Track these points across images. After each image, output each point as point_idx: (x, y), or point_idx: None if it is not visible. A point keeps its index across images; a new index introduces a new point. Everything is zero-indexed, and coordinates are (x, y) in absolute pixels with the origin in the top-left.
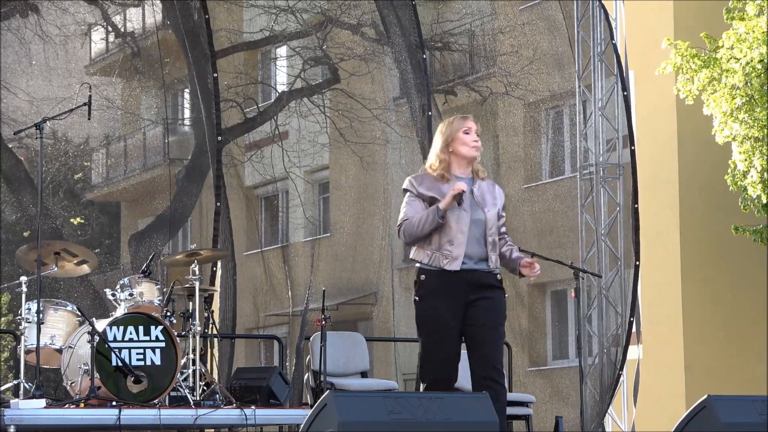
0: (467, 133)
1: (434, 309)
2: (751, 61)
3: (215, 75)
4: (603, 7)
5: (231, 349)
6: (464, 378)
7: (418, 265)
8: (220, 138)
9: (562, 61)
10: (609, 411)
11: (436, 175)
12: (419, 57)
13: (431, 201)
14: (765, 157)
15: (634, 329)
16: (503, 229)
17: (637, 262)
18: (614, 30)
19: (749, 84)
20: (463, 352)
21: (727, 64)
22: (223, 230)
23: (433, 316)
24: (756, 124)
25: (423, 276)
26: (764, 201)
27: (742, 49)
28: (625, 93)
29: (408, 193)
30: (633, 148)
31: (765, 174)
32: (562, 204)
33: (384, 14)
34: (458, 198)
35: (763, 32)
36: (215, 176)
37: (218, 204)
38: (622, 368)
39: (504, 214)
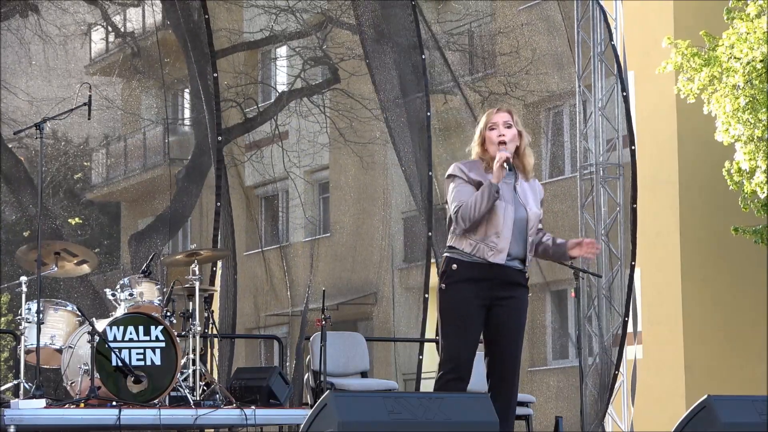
0: (493, 129)
1: (463, 298)
2: (753, 61)
3: (215, 75)
4: (602, 7)
5: (231, 349)
6: (474, 380)
7: (448, 254)
8: (220, 138)
9: (562, 61)
10: (609, 411)
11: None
12: (419, 57)
13: (480, 187)
14: None
15: (630, 329)
16: (540, 225)
17: (633, 263)
18: (614, 30)
19: (751, 84)
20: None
21: (727, 63)
22: (224, 230)
23: (461, 305)
24: (759, 125)
25: (455, 265)
26: (765, 201)
27: (743, 49)
28: (624, 94)
29: (456, 179)
30: (633, 147)
31: None
32: (562, 204)
33: (383, 15)
34: (507, 164)
35: (764, 32)
36: (215, 176)
37: (218, 204)
38: (618, 368)
39: (542, 210)
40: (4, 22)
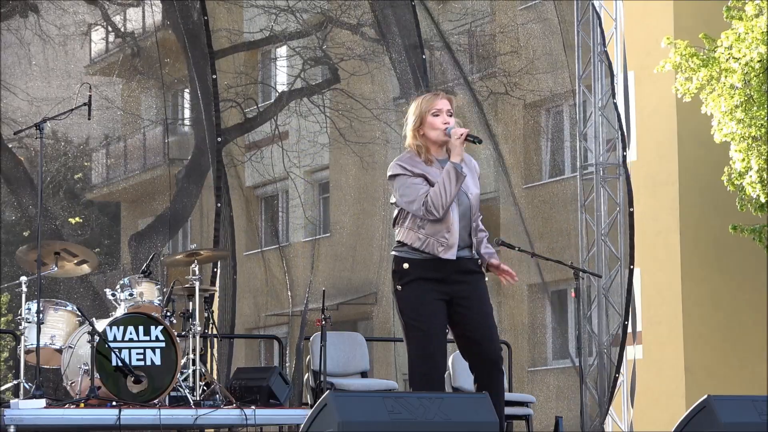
0: (437, 116)
1: (420, 298)
2: (751, 61)
3: (214, 77)
4: (597, 12)
5: (231, 349)
6: (463, 378)
7: (396, 253)
8: (219, 139)
9: (562, 61)
10: (609, 411)
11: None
12: (419, 57)
13: (425, 179)
14: (763, 157)
15: (630, 330)
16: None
17: (632, 266)
18: (614, 30)
19: (748, 83)
20: (456, 351)
21: (726, 64)
22: (224, 230)
23: (420, 306)
24: (754, 124)
25: (406, 264)
26: (763, 200)
27: (741, 49)
28: (615, 101)
29: (401, 177)
30: (625, 153)
31: (764, 174)
32: (562, 204)
33: (383, 15)
34: (472, 138)
35: (762, 32)
36: (215, 177)
37: (219, 205)
38: (618, 371)
39: (479, 186)
40: (4, 22)
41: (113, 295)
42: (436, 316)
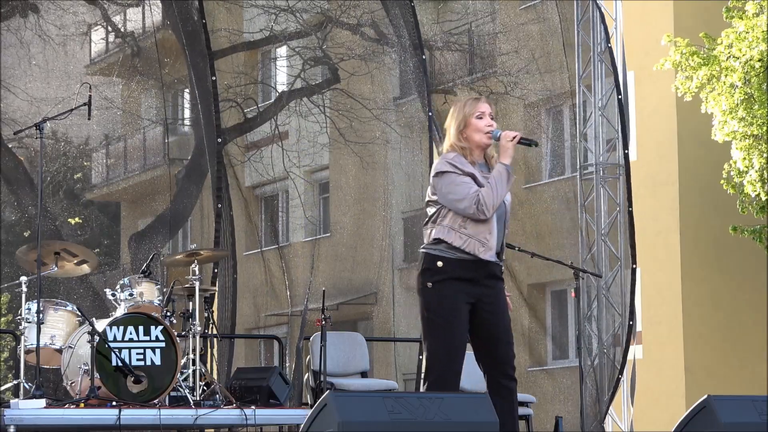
0: (480, 118)
1: (451, 297)
2: (751, 59)
3: (214, 78)
4: (600, 10)
5: (231, 349)
6: (465, 378)
7: (430, 251)
8: (219, 139)
9: (562, 61)
10: (609, 411)
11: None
12: (419, 57)
13: (473, 178)
14: (764, 155)
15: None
16: None
17: (634, 266)
18: (614, 30)
19: (748, 82)
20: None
21: (726, 62)
22: (224, 230)
23: (449, 305)
24: (755, 122)
25: (440, 263)
26: (764, 199)
27: (741, 48)
28: (620, 97)
29: (450, 174)
30: (626, 151)
31: (765, 172)
32: (562, 204)
33: (383, 15)
34: (528, 141)
35: (763, 31)
36: (216, 177)
37: (219, 205)
38: (622, 372)
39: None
40: (4, 22)
41: (113, 295)
42: (462, 318)
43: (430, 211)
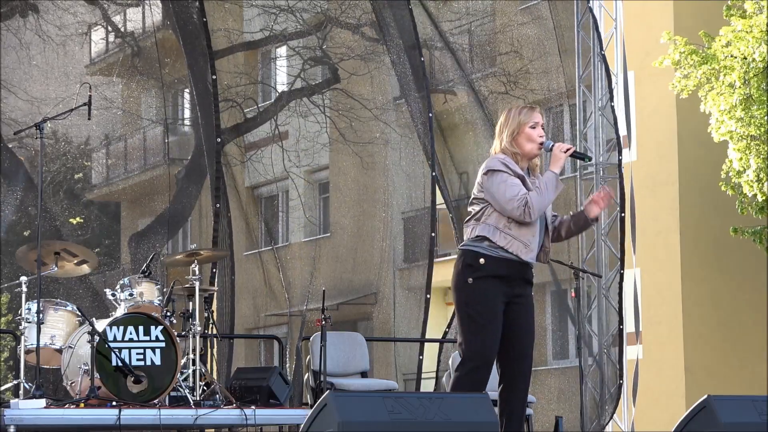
0: (533, 128)
1: (490, 293)
2: (751, 60)
3: (214, 77)
4: (594, 16)
5: (230, 349)
6: None
7: (472, 247)
8: (219, 140)
9: (562, 60)
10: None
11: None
12: (418, 58)
13: (521, 180)
14: (762, 156)
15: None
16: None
17: (622, 271)
18: (614, 30)
19: (747, 82)
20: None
21: (724, 61)
22: (222, 231)
23: (489, 300)
24: (753, 123)
25: (482, 260)
26: (760, 199)
27: (740, 47)
28: (612, 104)
29: (501, 173)
30: (620, 158)
31: (761, 173)
32: (563, 204)
33: (383, 15)
34: (580, 156)
35: (762, 30)
36: (215, 178)
37: (218, 206)
38: (621, 377)
39: None
40: (4, 22)
41: (113, 295)
42: (499, 315)
43: (475, 208)
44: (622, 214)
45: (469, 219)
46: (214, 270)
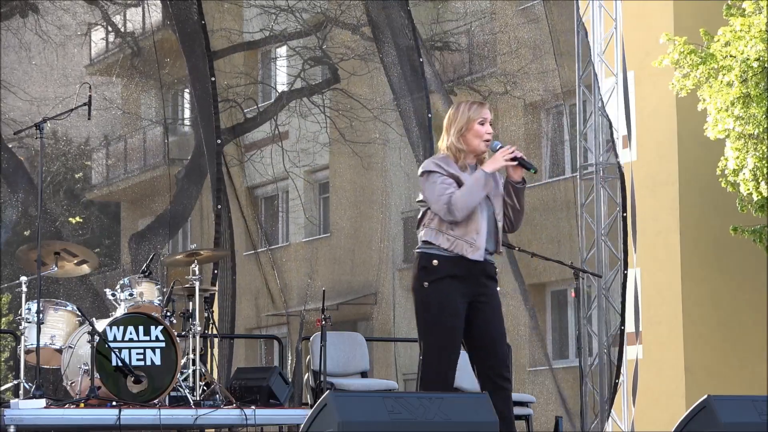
0: (482, 125)
1: (447, 295)
2: (748, 59)
3: (213, 79)
4: (581, 23)
5: (231, 349)
6: (464, 378)
7: (424, 250)
8: (219, 140)
9: (562, 60)
10: (610, 413)
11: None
12: (416, 59)
13: (457, 181)
14: (759, 155)
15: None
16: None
17: (626, 271)
18: (613, 30)
19: (746, 82)
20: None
21: (723, 61)
22: (223, 231)
23: (446, 303)
24: (751, 121)
25: (436, 261)
26: (755, 198)
27: (738, 47)
28: (605, 112)
29: (434, 174)
30: (618, 160)
31: (758, 172)
32: (563, 204)
33: (383, 16)
34: (527, 167)
35: (761, 30)
36: (215, 178)
37: (219, 207)
38: (618, 376)
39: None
40: (4, 22)
41: (113, 295)
42: (458, 317)
43: (421, 212)
44: (624, 215)
45: (418, 224)
46: (216, 271)
